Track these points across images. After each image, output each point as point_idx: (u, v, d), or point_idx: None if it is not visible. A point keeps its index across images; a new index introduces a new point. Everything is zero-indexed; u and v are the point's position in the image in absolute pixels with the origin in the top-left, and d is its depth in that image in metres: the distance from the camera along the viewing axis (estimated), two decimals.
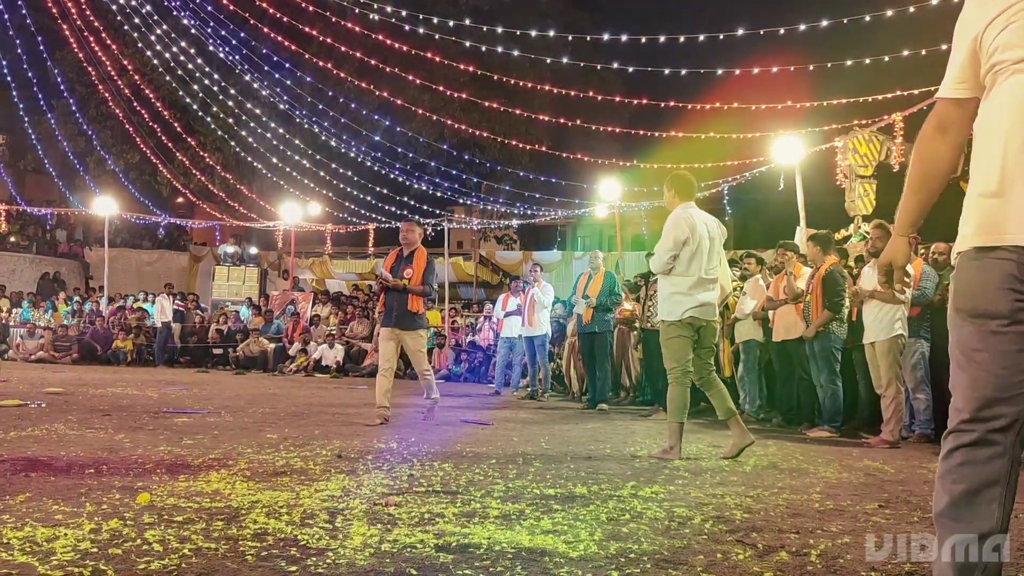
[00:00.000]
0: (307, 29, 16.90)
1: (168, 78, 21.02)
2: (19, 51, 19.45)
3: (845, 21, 10.30)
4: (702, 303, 5.49)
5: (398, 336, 7.27)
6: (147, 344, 17.75)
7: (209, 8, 18.52)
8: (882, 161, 11.49)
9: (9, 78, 19.77)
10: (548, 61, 15.42)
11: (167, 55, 20.01)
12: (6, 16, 18.64)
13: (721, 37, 11.63)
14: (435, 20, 14.47)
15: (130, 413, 7.37)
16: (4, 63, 19.47)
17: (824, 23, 10.37)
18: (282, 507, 3.44)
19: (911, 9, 9.95)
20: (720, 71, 12.19)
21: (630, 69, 13.57)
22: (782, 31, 10.81)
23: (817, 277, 7.45)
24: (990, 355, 1.85)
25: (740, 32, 11.30)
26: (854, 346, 7.44)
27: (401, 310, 7.22)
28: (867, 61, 10.30)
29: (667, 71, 12.28)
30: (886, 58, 10.56)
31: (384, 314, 7.39)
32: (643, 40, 11.99)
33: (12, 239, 25.42)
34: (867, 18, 10.10)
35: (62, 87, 20.86)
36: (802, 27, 10.53)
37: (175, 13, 19.15)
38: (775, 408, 8.65)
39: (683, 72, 12.44)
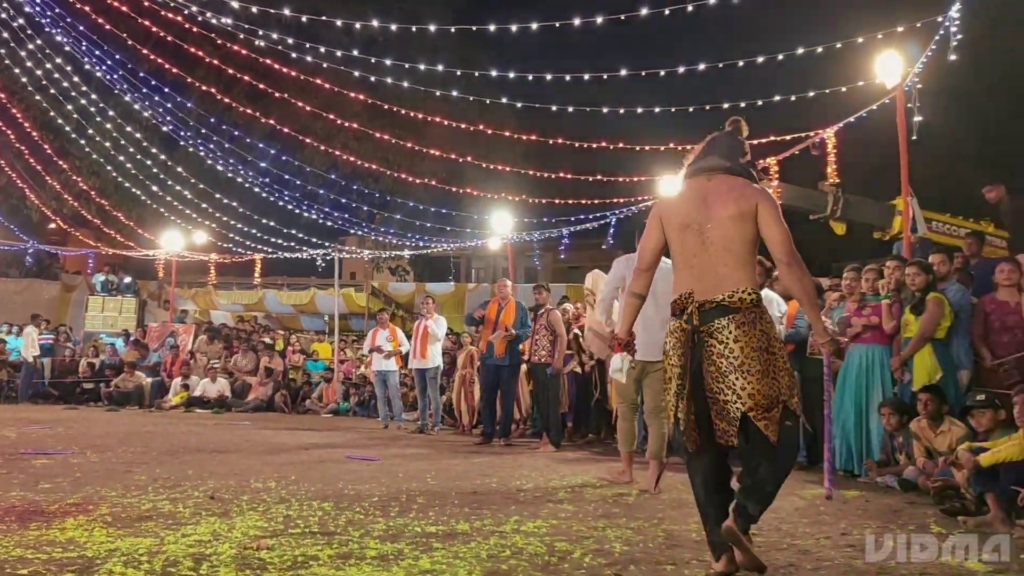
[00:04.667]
0: (192, 49, 16.24)
1: (38, 97, 19.81)
2: None
3: (720, 65, 10.80)
4: None
5: None
6: (9, 380, 16.52)
7: (81, 28, 17.57)
8: None
9: None
10: (438, 94, 15.40)
11: (39, 72, 18.86)
12: None
13: (605, 77, 11.97)
14: (322, 49, 14.22)
15: None
16: None
17: (702, 66, 10.82)
18: (143, 555, 3.24)
19: (780, 56, 10.54)
20: (606, 110, 12.50)
21: (518, 104, 13.78)
22: (662, 73, 11.23)
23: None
24: None
25: (623, 72, 11.65)
26: None
27: None
28: (742, 104, 10.83)
29: (554, 108, 12.50)
30: (759, 102, 11.13)
31: None
32: (530, 77, 12.22)
33: None
34: (740, 63, 10.63)
35: None
36: (681, 70, 10.97)
37: (47, 29, 18.12)
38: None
39: (570, 109, 12.69)
